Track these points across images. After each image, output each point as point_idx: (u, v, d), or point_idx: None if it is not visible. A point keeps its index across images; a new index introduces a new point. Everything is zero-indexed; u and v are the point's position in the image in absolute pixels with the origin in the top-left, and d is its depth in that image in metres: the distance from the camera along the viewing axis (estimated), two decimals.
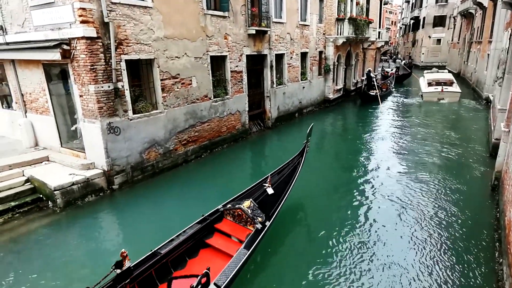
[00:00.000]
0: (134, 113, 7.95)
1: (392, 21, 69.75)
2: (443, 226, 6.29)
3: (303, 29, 15.03)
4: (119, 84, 7.47)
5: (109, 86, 7.27)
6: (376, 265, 5.24)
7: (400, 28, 62.78)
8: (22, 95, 8.96)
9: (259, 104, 13.37)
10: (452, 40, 35.93)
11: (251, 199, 5.48)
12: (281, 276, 5.06)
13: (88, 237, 6.19)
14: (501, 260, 5.10)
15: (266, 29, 12.04)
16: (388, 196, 7.62)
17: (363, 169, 9.53)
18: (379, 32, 25.01)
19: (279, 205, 5.71)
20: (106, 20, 6.93)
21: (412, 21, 48.02)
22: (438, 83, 19.69)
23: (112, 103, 7.40)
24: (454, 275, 4.97)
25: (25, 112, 9.13)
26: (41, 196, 7.19)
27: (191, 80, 9.43)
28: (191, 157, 9.83)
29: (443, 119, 15.58)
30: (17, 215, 6.79)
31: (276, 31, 13.10)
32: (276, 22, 12.97)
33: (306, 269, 5.11)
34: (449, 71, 25.24)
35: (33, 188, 7.27)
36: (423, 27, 42.09)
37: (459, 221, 6.46)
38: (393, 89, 23.80)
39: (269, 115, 13.62)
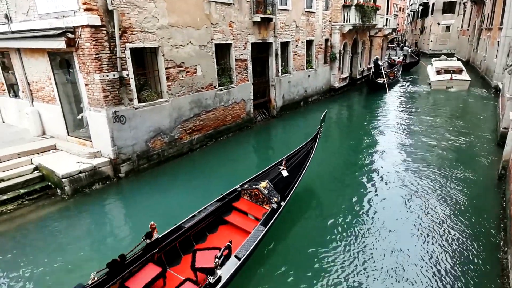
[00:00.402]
0: (139, 101, 7.97)
1: (400, 8, 68.20)
2: (448, 214, 6.30)
3: (308, 17, 14.78)
4: (124, 73, 7.47)
5: (114, 75, 7.28)
6: (380, 249, 5.30)
7: (408, 15, 61.42)
8: (29, 84, 9.02)
9: (264, 93, 13.30)
10: (461, 27, 35.09)
11: (267, 180, 5.83)
12: (294, 254, 5.32)
13: (96, 223, 6.34)
14: (506, 249, 5.11)
15: (271, 16, 11.87)
16: (394, 182, 7.67)
17: (369, 157, 9.53)
18: (386, 19, 24.54)
19: (294, 187, 5.98)
20: (110, 7, 6.89)
21: (420, 8, 46.90)
22: (447, 71, 19.37)
23: (117, 92, 7.42)
24: (459, 263, 5.00)
25: (32, 101, 9.20)
26: (49, 183, 7.31)
27: (195, 69, 9.39)
28: (196, 146, 9.87)
29: (451, 107, 15.42)
30: (27, 202, 6.93)
31: (282, 18, 12.91)
32: (281, 9, 12.76)
33: (316, 247, 5.42)
34: (458, 59, 24.78)
35: (42, 176, 7.39)
36: (432, 13, 41.10)
37: (465, 209, 6.45)
38: (400, 78, 23.52)
39: (274, 104, 13.56)
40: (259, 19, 11.28)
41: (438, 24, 40.08)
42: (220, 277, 3.87)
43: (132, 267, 4.09)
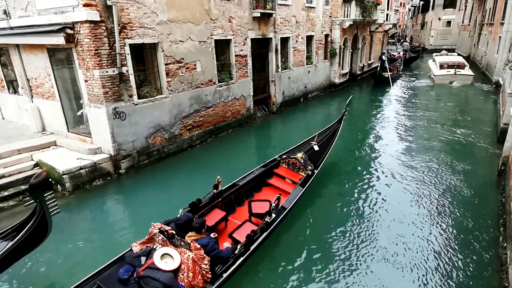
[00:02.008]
0: (139, 98, 7.96)
1: (400, 3, 67.68)
2: (448, 209, 6.32)
3: (309, 12, 14.70)
4: (124, 69, 7.45)
5: (113, 71, 7.26)
6: (377, 242, 5.35)
7: (409, 10, 61.06)
8: (28, 80, 9.00)
9: (264, 89, 13.27)
10: (462, 22, 34.91)
11: (303, 152, 7.05)
12: (325, 214, 6.36)
13: (96, 219, 6.38)
14: (505, 244, 5.13)
15: (271, 11, 11.80)
16: (394, 176, 7.75)
17: (369, 151, 9.60)
18: (387, 14, 24.42)
19: (323, 159, 7.14)
20: (109, 3, 6.84)
21: (421, 2, 46.63)
22: (450, 66, 19.41)
23: (117, 88, 7.40)
24: (458, 258, 5.02)
25: (32, 97, 9.18)
26: (50, 180, 7.31)
27: (195, 65, 9.37)
28: (196, 142, 9.87)
29: (453, 102, 15.49)
30: (28, 198, 6.94)
31: (282, 13, 12.84)
32: (281, 5, 12.69)
33: (342, 209, 6.47)
34: (459, 54, 24.72)
35: None
36: (433, 8, 40.88)
37: (464, 205, 6.47)
38: (402, 72, 23.58)
39: (274, 100, 13.54)
40: (259, 14, 11.23)
41: (439, 19, 39.89)
42: (274, 218, 5.00)
43: (204, 209, 5.25)
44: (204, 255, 3.90)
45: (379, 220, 6.07)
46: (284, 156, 7.10)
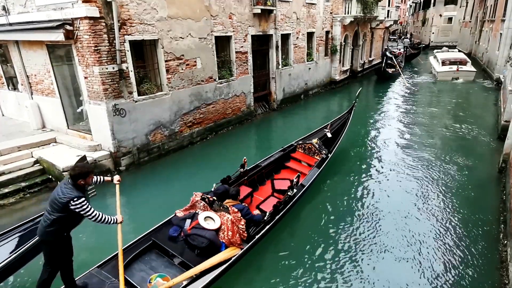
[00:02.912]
0: (139, 94, 7.94)
1: None
2: (448, 206, 6.33)
3: (309, 8, 14.63)
4: (124, 66, 7.42)
5: (113, 68, 7.23)
6: (377, 237, 5.36)
7: (410, 6, 60.74)
8: (28, 76, 8.96)
9: (264, 86, 13.24)
10: (463, 19, 34.76)
11: (317, 138, 7.74)
12: (337, 193, 7.00)
13: None
14: (505, 241, 5.13)
15: (271, 8, 11.74)
16: (395, 171, 7.83)
17: (374, 143, 9.85)
18: (388, 11, 24.28)
19: (336, 145, 7.83)
20: None
21: None
22: (452, 62, 19.42)
23: (117, 85, 7.38)
24: (458, 254, 5.03)
25: (31, 94, 9.16)
26: (50, 177, 7.32)
27: (195, 61, 9.33)
28: (196, 139, 9.86)
29: (454, 99, 15.54)
30: (28, 195, 6.95)
31: (282, 10, 12.78)
32: (282, 1, 12.61)
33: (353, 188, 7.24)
34: (460, 51, 24.66)
35: (42, 169, 7.40)
36: (434, 5, 40.68)
37: (465, 202, 6.48)
38: (403, 68, 23.63)
39: (274, 97, 13.50)
40: (259, 11, 11.16)
41: (440, 15, 39.71)
42: (295, 193, 5.65)
43: (233, 186, 5.68)
44: (241, 217, 4.60)
45: (379, 209, 6.33)
46: (300, 142, 7.79)
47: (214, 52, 9.90)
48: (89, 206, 3.43)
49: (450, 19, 39.23)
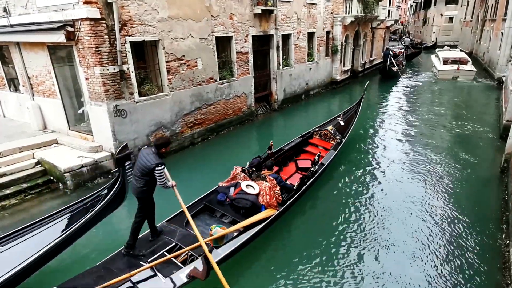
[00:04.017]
0: (140, 95, 7.94)
1: None
2: (450, 206, 6.30)
3: (310, 8, 14.62)
4: (125, 67, 7.42)
5: (114, 69, 7.23)
6: (379, 234, 5.36)
7: (411, 6, 60.64)
8: (29, 78, 8.98)
9: (265, 86, 13.23)
10: (465, 18, 34.67)
11: (332, 125, 8.78)
12: (350, 173, 7.87)
13: None
14: (508, 242, 5.11)
15: (272, 8, 11.74)
16: (397, 171, 7.82)
17: (376, 144, 9.86)
18: (389, 11, 24.24)
19: (348, 132, 8.79)
20: (109, 0, 6.80)
21: None
22: (453, 61, 19.54)
23: (118, 86, 7.38)
24: (460, 255, 5.01)
25: (33, 95, 9.17)
26: (51, 178, 7.33)
27: (196, 62, 9.33)
28: (197, 139, 9.86)
29: (455, 98, 15.59)
30: (30, 196, 6.96)
31: (283, 10, 12.77)
32: (282, 1, 12.61)
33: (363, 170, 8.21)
34: (461, 51, 24.64)
35: (44, 170, 7.41)
36: (435, 4, 40.60)
37: (467, 202, 6.46)
38: (405, 67, 23.75)
39: (275, 97, 13.49)
40: (260, 11, 11.16)
41: (441, 15, 39.61)
42: (317, 169, 6.53)
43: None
44: (276, 184, 5.54)
45: (382, 197, 6.81)
46: (316, 129, 8.80)
47: (215, 52, 9.90)
48: (163, 173, 4.20)
49: (451, 19, 39.14)
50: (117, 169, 4.75)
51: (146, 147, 4.43)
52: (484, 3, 26.07)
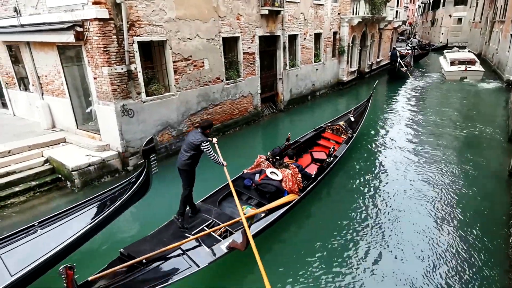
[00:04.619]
0: (147, 95, 8.00)
1: None
2: (457, 209, 6.25)
3: (317, 9, 14.59)
4: (132, 66, 7.49)
5: (122, 68, 7.31)
6: (387, 232, 5.36)
7: (419, 6, 60.16)
8: (39, 77, 9.11)
9: (272, 87, 13.24)
10: (473, 19, 34.28)
11: (343, 120, 9.32)
12: (360, 164, 8.53)
13: None
14: None
15: (279, 9, 11.74)
16: (404, 172, 7.87)
17: (380, 144, 9.92)
18: (396, 11, 24.08)
19: (358, 127, 9.32)
20: (118, 0, 6.88)
21: None
22: (461, 62, 19.40)
23: (125, 86, 7.45)
24: (466, 257, 4.97)
25: (42, 94, 9.30)
26: (59, 176, 7.43)
27: (203, 62, 9.38)
28: None
29: (464, 100, 15.47)
30: (38, 194, 7.06)
31: (290, 11, 12.77)
32: (289, 2, 12.61)
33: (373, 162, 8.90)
34: (469, 52, 24.39)
35: (52, 169, 7.51)
36: (443, 5, 40.23)
37: (474, 205, 6.40)
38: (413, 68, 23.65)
39: (282, 98, 13.49)
40: (267, 12, 11.18)
41: (450, 16, 39.23)
42: (332, 160, 7.01)
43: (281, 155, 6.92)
44: (298, 172, 6.03)
45: (389, 190, 7.13)
46: (329, 124, 9.32)
47: (221, 53, 9.94)
48: (211, 148, 4.91)
49: (459, 20, 38.74)
50: (143, 161, 5.09)
51: (193, 129, 5.20)
52: (493, 5, 25.75)
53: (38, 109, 9.12)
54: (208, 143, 4.93)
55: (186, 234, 4.63)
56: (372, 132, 11.00)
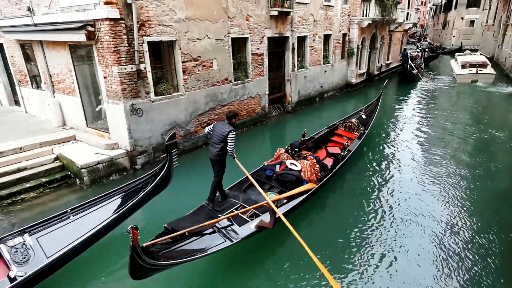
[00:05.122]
0: (156, 95, 8.07)
1: (422, 1, 65.98)
2: (468, 212, 6.16)
3: (327, 10, 14.53)
4: (142, 66, 7.56)
5: (132, 68, 7.38)
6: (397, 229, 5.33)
7: (430, 8, 59.45)
8: (50, 75, 9.26)
9: (280, 88, 13.22)
10: (486, 22, 33.72)
11: (355, 118, 9.83)
12: (372, 159, 8.97)
13: None
14: None
15: (288, 10, 11.73)
16: (415, 168, 8.05)
17: (387, 147, 9.83)
18: (407, 13, 23.82)
19: (370, 124, 9.77)
20: (129, 1, 6.96)
21: (444, 1, 45.33)
22: (472, 65, 19.18)
23: (135, 85, 7.53)
24: (477, 262, 4.89)
25: (53, 93, 9.46)
26: (69, 173, 7.53)
27: (212, 63, 9.41)
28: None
29: (475, 103, 15.26)
30: (48, 190, 7.17)
31: (299, 12, 12.74)
32: (299, 3, 12.59)
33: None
34: (481, 55, 24.00)
35: (62, 166, 7.62)
36: (455, 7, 39.69)
37: (485, 210, 6.31)
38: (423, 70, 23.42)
39: (289, 99, 13.46)
40: (276, 13, 11.17)
41: (462, 18, 38.66)
42: (346, 154, 7.52)
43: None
44: (315, 163, 6.50)
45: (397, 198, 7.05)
46: (341, 121, 9.75)
47: (230, 53, 9.97)
48: (235, 139, 5.25)
49: (472, 22, 38.15)
50: (165, 155, 5.37)
51: (219, 121, 5.57)
52: (507, 7, 25.28)
53: (49, 107, 9.28)
54: (235, 133, 5.24)
55: (219, 215, 5.10)
56: (384, 130, 11.38)
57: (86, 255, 4.75)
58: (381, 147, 9.77)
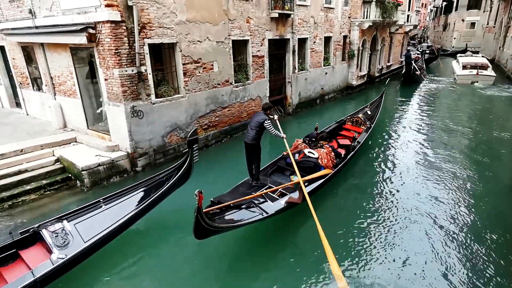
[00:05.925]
0: (156, 97, 8.08)
1: (422, 3, 66.01)
2: (468, 219, 6.12)
3: (327, 12, 14.55)
4: (142, 68, 7.58)
5: (132, 70, 7.40)
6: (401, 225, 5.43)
7: (431, 10, 59.51)
8: (51, 78, 9.29)
9: (280, 90, 13.22)
10: (487, 24, 33.72)
11: (362, 113, 10.43)
12: (377, 150, 9.71)
13: None
14: None
15: (289, 12, 11.75)
16: (415, 174, 7.81)
17: (391, 141, 10.36)
18: (408, 15, 23.85)
19: (375, 119, 10.47)
20: (130, 3, 6.98)
21: (444, 3, 45.37)
22: (473, 67, 19.43)
23: (135, 87, 7.54)
24: (480, 264, 4.86)
25: (54, 95, 9.47)
26: (70, 175, 7.53)
27: (212, 65, 9.43)
28: (211, 141, 9.93)
29: (477, 105, 15.27)
30: (49, 192, 7.17)
31: (300, 14, 12.77)
32: (299, 5, 12.62)
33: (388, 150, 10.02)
34: (482, 57, 24.02)
35: (63, 168, 7.62)
36: (456, 9, 39.71)
37: (487, 213, 6.27)
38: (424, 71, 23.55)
39: (290, 101, 13.47)
40: (277, 15, 11.19)
41: (463, 20, 38.68)
42: (356, 144, 8.25)
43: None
44: (331, 151, 7.14)
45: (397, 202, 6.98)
46: (349, 117, 10.41)
47: (231, 55, 9.98)
48: (272, 126, 6.10)
49: (473, 24, 38.16)
50: (186, 150, 5.85)
51: (257, 112, 6.58)
52: (508, 9, 25.28)
53: (50, 109, 9.29)
54: (270, 121, 6.04)
55: (252, 193, 5.84)
56: (388, 127, 11.94)
57: (117, 241, 5.11)
58: (385, 142, 10.50)
